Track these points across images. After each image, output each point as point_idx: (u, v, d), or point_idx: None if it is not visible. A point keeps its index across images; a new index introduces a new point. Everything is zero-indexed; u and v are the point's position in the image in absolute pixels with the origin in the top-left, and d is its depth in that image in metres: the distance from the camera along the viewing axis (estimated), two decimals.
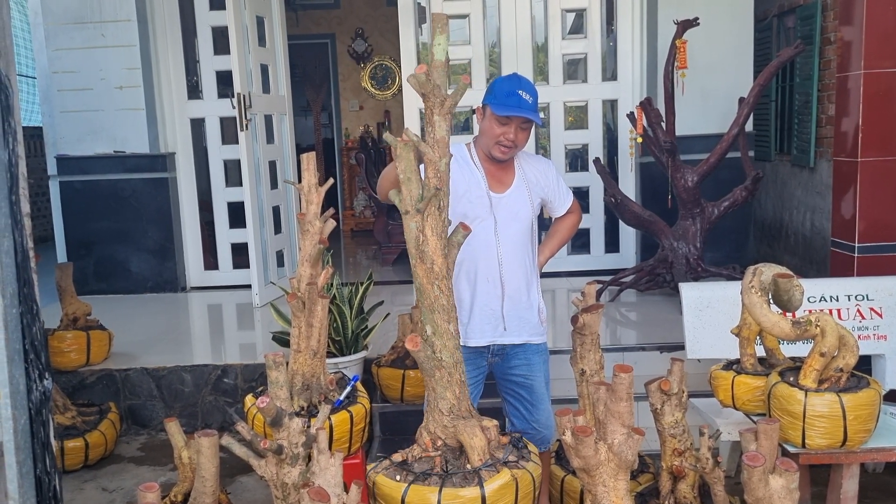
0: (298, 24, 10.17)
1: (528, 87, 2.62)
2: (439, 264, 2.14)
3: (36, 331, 1.90)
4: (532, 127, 2.66)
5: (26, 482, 1.83)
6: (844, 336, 2.45)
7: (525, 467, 2.17)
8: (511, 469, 2.13)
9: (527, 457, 2.24)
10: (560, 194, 2.87)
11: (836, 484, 2.64)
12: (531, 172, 2.79)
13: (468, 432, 2.16)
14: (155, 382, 4.25)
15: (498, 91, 2.61)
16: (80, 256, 5.92)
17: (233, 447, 2.17)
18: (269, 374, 2.35)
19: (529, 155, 2.87)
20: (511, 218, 2.71)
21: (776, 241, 6.57)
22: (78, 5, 5.78)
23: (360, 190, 9.93)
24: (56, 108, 5.95)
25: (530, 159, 2.85)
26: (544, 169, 2.83)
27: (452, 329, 2.19)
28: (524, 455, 2.25)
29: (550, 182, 2.82)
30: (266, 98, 5.72)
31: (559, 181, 2.86)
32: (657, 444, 2.56)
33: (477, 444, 2.14)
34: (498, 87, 2.63)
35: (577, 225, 3.00)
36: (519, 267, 2.73)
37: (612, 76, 6.13)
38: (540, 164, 2.85)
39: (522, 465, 2.17)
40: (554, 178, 2.84)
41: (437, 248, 2.13)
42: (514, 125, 2.59)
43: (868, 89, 4.10)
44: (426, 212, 2.10)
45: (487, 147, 2.65)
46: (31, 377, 1.87)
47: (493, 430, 2.22)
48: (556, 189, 2.84)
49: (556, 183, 2.84)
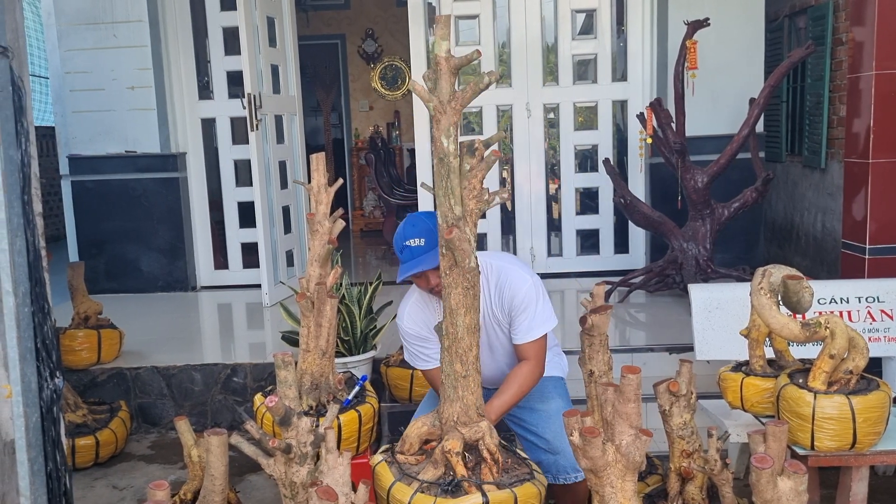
0: (309, 25, 10.20)
1: (415, 230, 2.42)
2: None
3: (47, 329, 1.92)
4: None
5: (37, 479, 1.85)
6: (854, 338, 2.44)
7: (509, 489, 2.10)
8: (489, 489, 2.08)
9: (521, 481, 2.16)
10: (523, 324, 2.53)
11: (846, 487, 2.62)
12: (495, 296, 2.56)
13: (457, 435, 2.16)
14: (165, 381, 4.27)
15: (396, 250, 2.48)
16: (91, 255, 5.96)
17: (242, 446, 2.18)
18: (278, 374, 2.36)
19: (503, 272, 2.57)
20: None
21: (787, 242, 6.54)
22: (90, 6, 5.82)
23: (369, 190, 9.95)
24: (68, 109, 5.99)
25: (501, 278, 2.56)
26: (513, 292, 2.53)
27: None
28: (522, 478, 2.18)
29: (516, 307, 2.53)
30: (276, 98, 5.74)
31: (530, 307, 2.53)
32: (665, 445, 2.55)
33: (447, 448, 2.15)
34: (396, 244, 2.48)
35: (528, 377, 2.53)
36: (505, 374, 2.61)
37: (622, 77, 6.12)
38: (508, 287, 2.54)
39: (509, 487, 2.10)
40: (521, 302, 2.53)
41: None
42: (426, 277, 2.44)
43: (880, 90, 4.08)
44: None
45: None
46: (42, 375, 1.89)
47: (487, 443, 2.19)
48: (520, 316, 2.54)
49: (523, 308, 2.53)
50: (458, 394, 2.19)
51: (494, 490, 2.07)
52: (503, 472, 2.18)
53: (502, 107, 6.12)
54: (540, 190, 6.15)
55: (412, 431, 2.30)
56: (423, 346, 2.67)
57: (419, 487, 2.11)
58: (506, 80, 6.09)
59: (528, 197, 6.13)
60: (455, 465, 2.12)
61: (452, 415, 2.19)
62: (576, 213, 6.22)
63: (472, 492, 2.05)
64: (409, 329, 2.66)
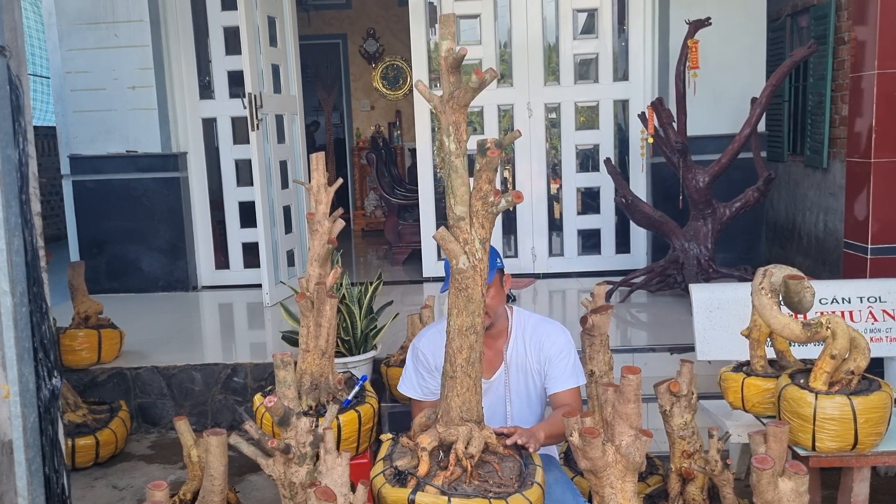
0: (310, 25, 10.20)
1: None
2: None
3: (45, 329, 1.91)
4: (500, 283, 2.49)
5: (35, 480, 1.84)
6: (855, 338, 2.42)
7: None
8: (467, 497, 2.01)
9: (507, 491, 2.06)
10: (558, 371, 2.55)
11: (847, 487, 2.61)
12: (531, 346, 2.57)
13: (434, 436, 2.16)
14: (165, 381, 4.27)
15: (447, 268, 2.44)
16: (92, 255, 5.96)
17: (241, 446, 2.17)
18: (277, 374, 2.35)
19: (540, 323, 2.63)
20: (499, 402, 2.58)
21: (789, 242, 6.52)
22: (91, 6, 5.82)
23: (370, 190, 9.94)
24: (69, 108, 5.99)
25: (538, 328, 2.60)
26: (551, 341, 2.56)
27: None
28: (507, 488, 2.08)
29: (554, 355, 2.56)
30: (277, 98, 5.74)
31: (565, 357, 2.56)
32: (667, 445, 2.54)
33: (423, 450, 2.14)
34: (447, 264, 2.45)
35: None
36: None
37: (623, 76, 6.11)
38: (547, 336, 2.57)
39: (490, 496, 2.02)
40: (558, 350, 2.55)
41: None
42: None
43: (882, 89, 4.07)
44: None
45: None
46: (40, 375, 1.88)
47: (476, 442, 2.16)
48: (557, 363, 2.56)
49: (560, 356, 2.56)
50: (443, 392, 2.19)
51: (431, 492, 2.02)
52: (483, 482, 2.10)
53: (503, 106, 6.11)
54: (541, 190, 6.15)
55: (418, 421, 2.31)
56: (423, 374, 2.66)
57: (383, 470, 2.14)
58: (507, 80, 6.09)
59: (529, 197, 6.12)
60: (421, 459, 2.12)
61: (440, 412, 2.21)
62: (577, 213, 6.21)
63: (409, 486, 2.04)
64: (423, 350, 2.64)
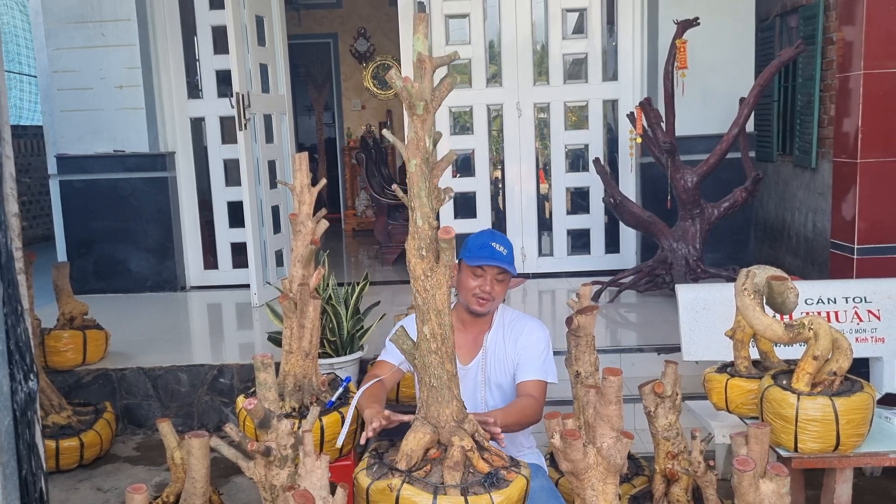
0: (301, 24, 10.18)
1: (501, 240, 2.59)
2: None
3: (21, 332, 1.89)
4: (508, 279, 2.59)
5: (10, 484, 1.83)
6: (838, 339, 2.42)
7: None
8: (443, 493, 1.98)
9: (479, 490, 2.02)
10: (528, 361, 2.60)
11: (829, 488, 2.61)
12: (508, 337, 2.64)
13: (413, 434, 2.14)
14: (151, 382, 4.24)
15: (472, 245, 2.59)
16: (80, 255, 5.93)
17: (221, 449, 2.15)
18: (258, 376, 2.33)
19: (521, 318, 2.71)
20: (476, 390, 2.63)
21: (778, 242, 6.53)
22: (78, 5, 5.79)
23: (361, 190, 9.92)
24: (56, 108, 5.96)
25: (518, 322, 2.68)
26: (527, 333, 2.64)
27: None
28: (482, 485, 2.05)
29: (528, 346, 2.62)
30: (265, 97, 5.72)
31: (537, 351, 2.61)
32: (653, 446, 2.54)
33: (407, 446, 2.12)
34: (472, 241, 2.61)
35: (529, 410, 2.50)
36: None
37: (612, 76, 6.11)
38: (524, 328, 2.65)
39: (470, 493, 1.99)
40: (533, 343, 2.62)
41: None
42: (488, 277, 2.55)
43: (868, 90, 4.07)
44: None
45: (465, 301, 2.59)
46: (15, 378, 1.86)
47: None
48: (528, 354, 2.61)
49: (533, 348, 2.62)
50: (452, 393, 2.16)
51: (417, 487, 2.01)
52: (467, 476, 2.10)
53: (493, 106, 6.10)
54: (531, 189, 6.14)
55: (415, 444, 2.20)
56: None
57: (368, 465, 2.14)
58: (497, 80, 6.08)
59: (518, 196, 6.11)
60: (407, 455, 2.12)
61: (451, 415, 2.15)
62: (567, 213, 6.21)
63: (391, 479, 2.04)
64: (407, 328, 2.63)
